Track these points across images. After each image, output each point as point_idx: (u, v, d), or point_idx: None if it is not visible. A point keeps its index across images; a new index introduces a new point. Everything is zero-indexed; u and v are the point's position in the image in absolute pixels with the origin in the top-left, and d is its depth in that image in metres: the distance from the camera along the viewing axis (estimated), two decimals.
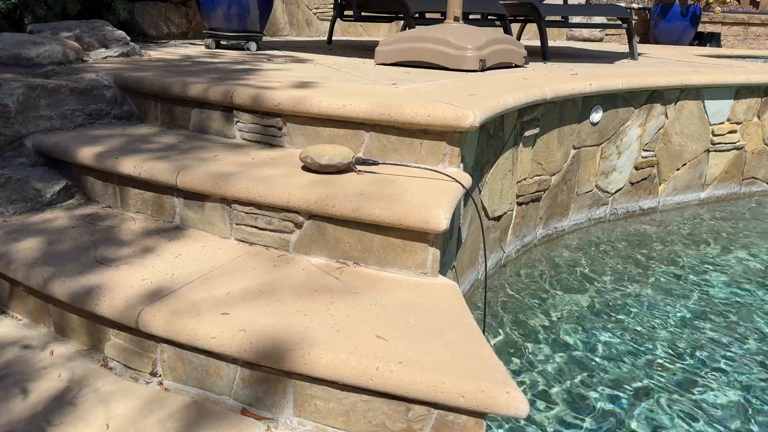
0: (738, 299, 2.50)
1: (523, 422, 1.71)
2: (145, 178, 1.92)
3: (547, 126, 2.79)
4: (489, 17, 4.43)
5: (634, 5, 7.59)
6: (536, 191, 2.84)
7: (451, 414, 1.26)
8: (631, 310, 2.37)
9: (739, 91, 3.66)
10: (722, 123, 3.65)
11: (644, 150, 3.38)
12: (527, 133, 2.64)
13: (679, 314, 2.35)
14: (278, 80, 2.41)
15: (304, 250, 1.76)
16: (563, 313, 2.32)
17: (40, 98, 2.25)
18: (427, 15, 4.65)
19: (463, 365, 1.28)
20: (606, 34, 7.35)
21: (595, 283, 2.59)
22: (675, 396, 1.85)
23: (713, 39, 7.24)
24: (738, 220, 3.44)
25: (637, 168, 3.38)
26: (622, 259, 2.85)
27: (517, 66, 3.43)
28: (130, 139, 2.19)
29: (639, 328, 2.24)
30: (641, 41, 7.41)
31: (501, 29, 4.00)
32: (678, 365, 2.01)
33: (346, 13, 4.29)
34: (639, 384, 1.91)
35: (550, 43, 5.48)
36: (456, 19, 3.15)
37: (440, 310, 1.50)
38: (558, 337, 2.16)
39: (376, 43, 3.44)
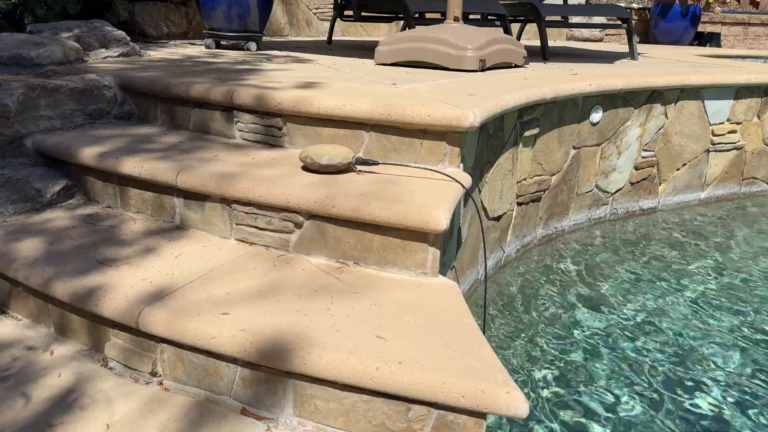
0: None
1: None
2: (146, 178, 1.92)
3: (547, 126, 2.79)
4: (489, 17, 4.43)
5: (634, 5, 7.59)
6: (536, 191, 2.84)
7: (451, 414, 1.26)
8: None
9: (739, 91, 3.66)
10: (722, 123, 3.65)
11: (644, 150, 3.38)
12: (527, 133, 2.64)
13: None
14: (278, 80, 2.41)
15: (304, 250, 1.77)
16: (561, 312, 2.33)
17: (40, 98, 2.25)
18: (427, 15, 4.65)
19: (463, 365, 1.28)
20: (606, 34, 7.35)
21: (592, 284, 2.59)
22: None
23: (713, 39, 7.24)
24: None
25: (637, 168, 3.38)
26: (621, 258, 2.85)
27: (517, 66, 3.43)
28: (131, 139, 2.19)
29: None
30: (641, 41, 7.41)
31: (501, 29, 4.00)
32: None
33: (346, 13, 4.29)
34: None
35: (550, 43, 5.47)
36: (456, 19, 3.15)
37: (440, 310, 1.50)
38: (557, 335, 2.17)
39: (376, 43, 3.45)
